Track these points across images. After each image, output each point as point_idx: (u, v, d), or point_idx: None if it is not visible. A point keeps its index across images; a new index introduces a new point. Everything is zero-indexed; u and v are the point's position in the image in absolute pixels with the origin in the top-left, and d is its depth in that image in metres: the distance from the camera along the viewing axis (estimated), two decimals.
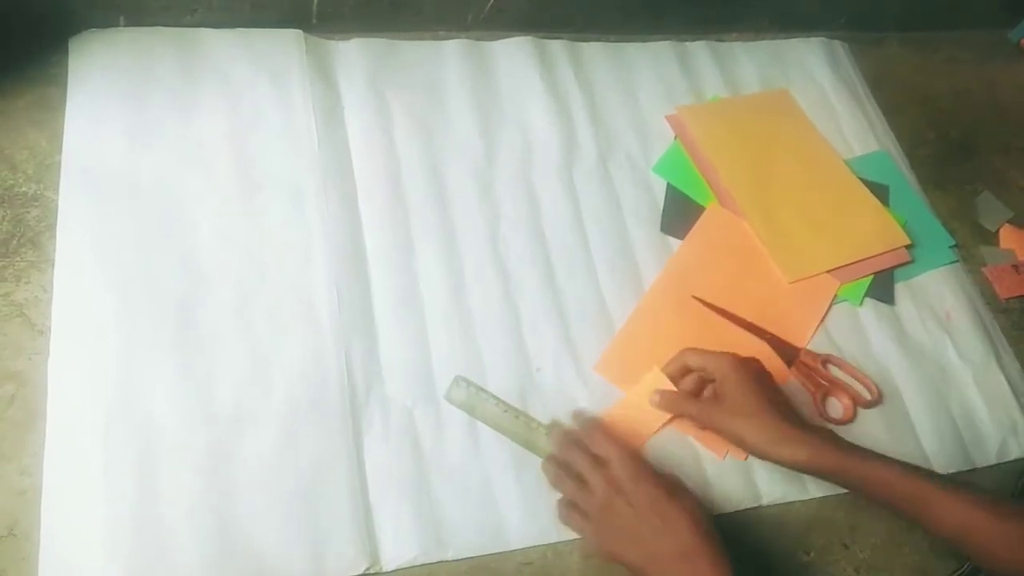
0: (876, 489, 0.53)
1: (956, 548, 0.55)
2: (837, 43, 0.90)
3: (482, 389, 0.60)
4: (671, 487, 0.52)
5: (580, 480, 0.54)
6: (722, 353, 0.57)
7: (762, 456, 0.55)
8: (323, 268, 0.62)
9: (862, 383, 0.67)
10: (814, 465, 0.53)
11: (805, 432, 0.54)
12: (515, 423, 0.59)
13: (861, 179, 0.78)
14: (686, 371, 0.60)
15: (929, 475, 0.54)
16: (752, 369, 0.57)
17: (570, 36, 0.80)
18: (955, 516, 0.51)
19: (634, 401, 0.61)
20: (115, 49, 0.67)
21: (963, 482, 0.54)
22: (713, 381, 0.58)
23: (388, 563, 0.53)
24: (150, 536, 0.50)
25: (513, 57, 0.77)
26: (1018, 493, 0.64)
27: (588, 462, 0.54)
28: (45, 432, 0.52)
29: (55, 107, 0.64)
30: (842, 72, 0.87)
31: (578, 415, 0.59)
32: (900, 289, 0.74)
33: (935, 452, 0.65)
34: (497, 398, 0.60)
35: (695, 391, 0.60)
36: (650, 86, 0.80)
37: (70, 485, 0.51)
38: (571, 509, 0.54)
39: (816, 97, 0.84)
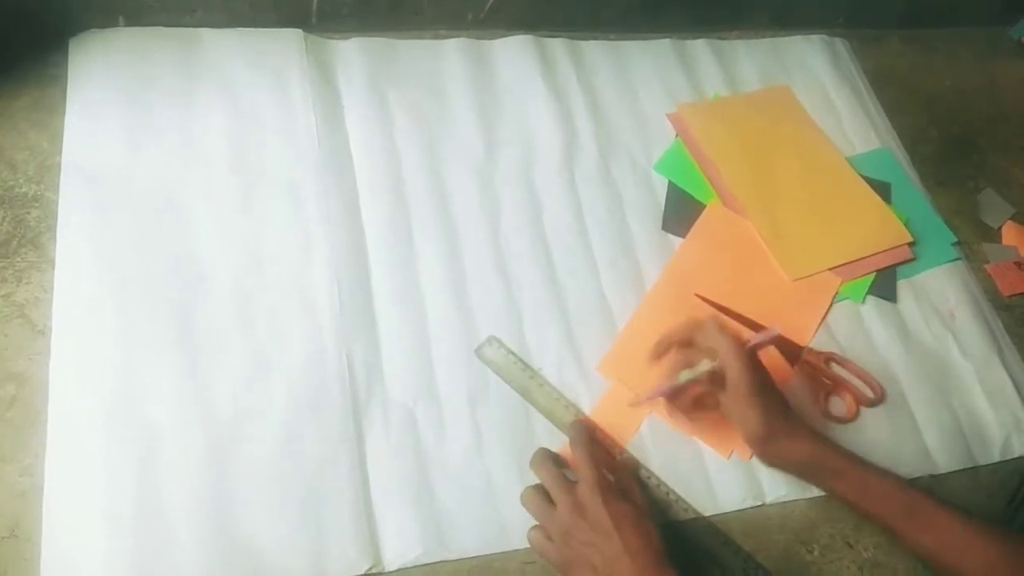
0: (875, 497, 0.55)
1: (932, 567, 0.55)
2: (838, 41, 0.90)
3: (512, 352, 0.61)
4: (634, 513, 0.51)
5: (549, 501, 0.53)
6: (730, 338, 0.55)
7: (770, 440, 0.54)
8: (324, 268, 0.62)
9: (865, 381, 0.66)
10: (819, 462, 0.55)
11: (814, 432, 0.56)
12: (540, 391, 0.61)
13: (863, 176, 0.78)
14: (688, 343, 0.57)
15: (925, 491, 0.55)
16: (760, 364, 0.56)
17: (570, 35, 0.80)
18: (950, 536, 0.53)
19: (618, 397, 0.62)
20: (115, 49, 0.67)
21: (958, 505, 0.55)
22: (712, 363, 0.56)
23: (390, 563, 0.53)
24: (152, 536, 0.50)
25: (513, 56, 0.77)
26: (1019, 500, 0.63)
27: (557, 483, 0.53)
28: (46, 433, 0.52)
29: (55, 108, 0.64)
30: (843, 70, 0.87)
31: (572, 426, 0.58)
32: (902, 287, 0.73)
33: (938, 450, 0.65)
34: (525, 364, 0.61)
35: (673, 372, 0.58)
36: (651, 84, 0.80)
37: (71, 486, 0.51)
38: (536, 530, 0.53)
39: (817, 95, 0.84)
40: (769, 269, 0.71)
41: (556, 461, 0.56)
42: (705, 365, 0.55)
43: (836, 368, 0.67)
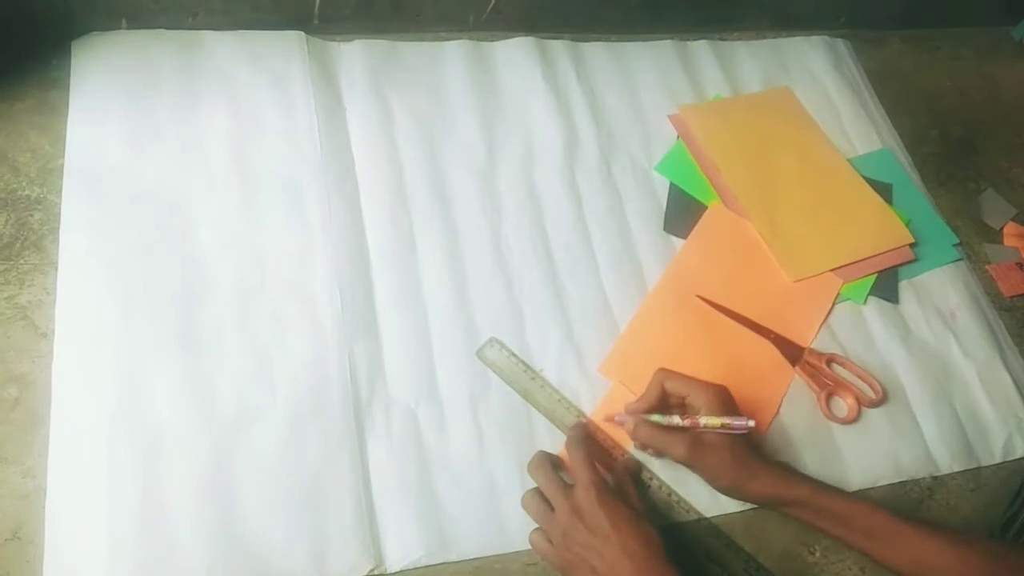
0: (838, 521, 0.56)
1: None
2: (839, 41, 0.90)
3: (514, 354, 0.62)
4: (632, 515, 0.51)
5: (549, 504, 0.53)
6: (703, 383, 0.58)
7: (733, 489, 0.57)
8: (326, 269, 0.62)
9: (866, 382, 0.67)
10: (782, 497, 0.56)
11: (772, 465, 0.58)
12: (541, 392, 0.61)
13: (864, 177, 0.78)
14: (663, 396, 0.59)
15: (891, 511, 0.55)
16: (730, 402, 0.58)
17: (571, 36, 0.80)
18: (916, 551, 0.53)
19: (620, 398, 0.62)
20: (117, 52, 0.67)
21: (925, 519, 0.55)
22: (681, 406, 0.59)
23: (392, 564, 0.53)
24: (154, 538, 0.50)
25: (514, 57, 0.77)
26: (1021, 502, 0.63)
27: (554, 486, 0.53)
28: (49, 434, 0.52)
29: (58, 110, 0.64)
30: (844, 70, 0.87)
31: (569, 428, 0.59)
32: (904, 288, 0.73)
33: (939, 451, 0.65)
34: (527, 365, 0.61)
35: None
36: (652, 85, 0.80)
37: (74, 487, 0.51)
38: (537, 533, 0.53)
39: (818, 96, 0.84)
40: (770, 270, 0.71)
41: (553, 464, 0.56)
42: (676, 420, 0.57)
43: (837, 369, 0.67)
